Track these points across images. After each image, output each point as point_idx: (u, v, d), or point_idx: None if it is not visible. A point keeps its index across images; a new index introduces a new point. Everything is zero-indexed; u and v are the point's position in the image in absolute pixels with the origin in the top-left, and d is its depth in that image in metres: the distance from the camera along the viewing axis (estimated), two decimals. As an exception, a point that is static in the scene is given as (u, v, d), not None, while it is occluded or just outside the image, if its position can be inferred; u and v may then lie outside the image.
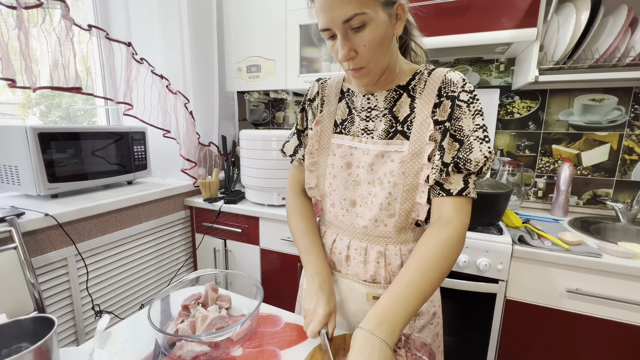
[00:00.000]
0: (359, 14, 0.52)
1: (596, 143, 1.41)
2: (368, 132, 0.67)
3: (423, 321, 0.69)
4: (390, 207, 0.64)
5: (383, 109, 0.66)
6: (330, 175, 0.71)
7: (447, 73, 0.62)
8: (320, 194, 0.75)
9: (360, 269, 0.69)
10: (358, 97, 0.69)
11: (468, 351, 1.19)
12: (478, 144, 0.58)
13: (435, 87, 0.62)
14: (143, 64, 1.52)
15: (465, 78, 0.61)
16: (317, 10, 0.55)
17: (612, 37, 1.12)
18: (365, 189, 0.67)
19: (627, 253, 0.99)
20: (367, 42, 0.55)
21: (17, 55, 1.10)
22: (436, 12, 1.23)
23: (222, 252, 1.63)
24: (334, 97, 0.73)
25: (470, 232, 1.15)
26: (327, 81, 0.76)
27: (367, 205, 0.67)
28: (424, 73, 0.64)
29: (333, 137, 0.71)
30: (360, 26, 0.54)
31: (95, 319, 1.27)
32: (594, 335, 1.03)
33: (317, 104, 0.75)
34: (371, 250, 0.68)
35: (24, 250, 0.97)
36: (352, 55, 0.57)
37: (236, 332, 0.63)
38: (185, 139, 1.63)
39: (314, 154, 0.73)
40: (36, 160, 1.13)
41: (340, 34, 0.55)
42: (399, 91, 0.65)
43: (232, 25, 1.70)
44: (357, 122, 0.69)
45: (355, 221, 0.69)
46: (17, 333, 0.56)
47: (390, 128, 0.65)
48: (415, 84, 0.64)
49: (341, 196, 0.70)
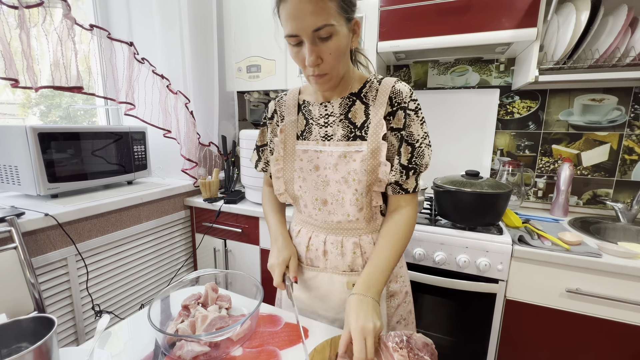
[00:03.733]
0: (328, 25, 0.58)
1: (596, 143, 1.41)
2: (328, 137, 0.74)
3: (398, 300, 0.79)
4: (358, 202, 0.72)
5: (339, 114, 0.73)
6: (300, 178, 0.77)
7: (395, 83, 0.70)
8: (291, 197, 0.80)
9: (339, 261, 0.75)
10: (315, 106, 0.76)
11: (468, 351, 1.19)
12: (427, 150, 0.70)
13: (385, 95, 0.70)
14: (144, 64, 1.52)
15: (411, 88, 0.70)
16: (286, 17, 0.59)
17: (612, 37, 1.12)
18: (334, 187, 0.73)
19: (627, 253, 0.99)
20: (333, 51, 0.62)
21: (19, 55, 1.10)
22: (436, 12, 1.23)
23: (222, 252, 1.63)
24: (293, 109, 0.80)
25: (470, 232, 1.15)
26: (283, 98, 0.83)
27: (338, 203, 0.73)
28: (373, 82, 0.73)
29: (297, 144, 0.77)
30: (328, 36, 0.60)
31: (95, 319, 1.27)
32: (594, 335, 1.03)
33: (276, 120, 0.83)
34: (347, 242, 0.75)
35: (24, 250, 0.97)
36: (318, 62, 0.63)
37: (236, 332, 0.63)
38: (185, 139, 1.63)
39: (280, 161, 0.79)
40: (36, 160, 1.13)
41: (309, 42, 0.60)
42: (352, 98, 0.73)
43: (232, 25, 1.70)
44: (315, 130, 0.76)
45: (329, 218, 0.75)
46: (17, 333, 0.56)
47: (349, 133, 0.72)
48: (366, 91, 0.72)
49: (313, 196, 0.76)
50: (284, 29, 0.62)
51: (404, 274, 0.81)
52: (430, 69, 1.63)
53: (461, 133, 1.57)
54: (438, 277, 1.15)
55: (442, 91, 1.60)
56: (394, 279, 0.78)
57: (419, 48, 1.29)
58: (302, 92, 0.81)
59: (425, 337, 0.59)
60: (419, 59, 1.62)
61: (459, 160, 1.58)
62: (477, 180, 1.16)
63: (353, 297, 0.61)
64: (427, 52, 1.45)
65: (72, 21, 1.19)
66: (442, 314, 1.22)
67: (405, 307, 0.80)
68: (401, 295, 0.79)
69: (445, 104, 1.58)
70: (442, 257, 1.14)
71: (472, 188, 1.12)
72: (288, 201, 0.82)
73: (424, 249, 1.17)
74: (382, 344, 0.57)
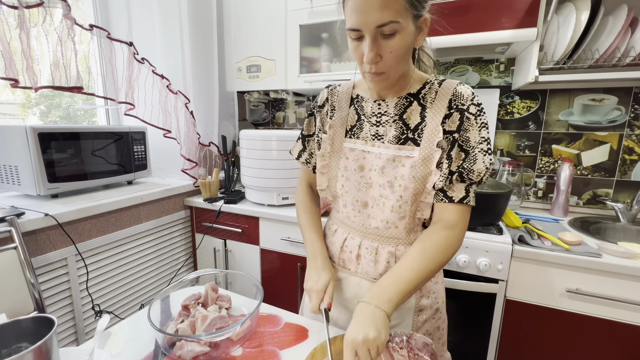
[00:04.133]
0: (394, 22, 0.55)
1: (596, 143, 1.41)
2: (378, 137, 0.69)
3: (426, 315, 0.73)
4: (401, 210, 0.67)
5: (393, 114, 0.68)
6: (343, 177, 0.73)
7: (458, 86, 0.65)
8: (332, 195, 0.77)
9: (371, 267, 0.71)
10: (368, 103, 0.71)
11: (468, 351, 1.19)
12: (482, 156, 0.62)
13: (446, 98, 0.64)
14: (144, 64, 1.52)
15: (474, 92, 0.64)
16: (351, 9, 0.56)
17: (612, 37, 1.12)
18: (377, 191, 0.69)
19: (627, 253, 0.99)
20: (395, 50, 0.58)
21: (19, 55, 1.10)
22: (436, 12, 1.22)
23: (222, 252, 1.63)
24: (345, 103, 0.75)
25: (470, 232, 1.15)
26: (337, 88, 0.78)
27: (379, 207, 0.69)
28: (434, 83, 0.67)
29: (345, 142, 0.74)
30: (391, 33, 0.56)
31: (95, 319, 1.27)
32: (594, 335, 1.03)
33: (327, 110, 0.78)
34: (382, 250, 0.70)
35: (24, 250, 0.97)
36: (377, 59, 0.59)
37: (236, 332, 0.63)
38: (185, 139, 1.63)
39: (326, 157, 0.76)
40: (36, 160, 1.13)
41: (370, 38, 0.57)
42: (409, 99, 0.68)
43: (232, 25, 1.70)
44: (366, 128, 0.71)
45: (367, 222, 0.71)
46: (17, 333, 0.56)
47: (401, 135, 0.67)
48: (425, 92, 0.67)
49: (353, 198, 0.72)
50: (347, 21, 0.59)
51: (437, 290, 0.74)
52: (430, 69, 1.62)
53: (461, 133, 1.57)
54: (438, 277, 1.15)
55: (442, 91, 1.60)
56: (426, 294, 0.72)
57: (419, 48, 1.29)
58: (357, 86, 0.76)
59: (425, 337, 0.59)
60: (419, 59, 1.62)
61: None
62: (477, 180, 1.16)
63: (358, 305, 0.59)
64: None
65: (72, 21, 1.19)
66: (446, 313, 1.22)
67: (434, 323, 0.75)
68: (430, 311, 0.74)
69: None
70: (442, 257, 1.14)
71: (472, 188, 1.12)
72: (329, 198, 0.79)
73: (424, 249, 1.17)
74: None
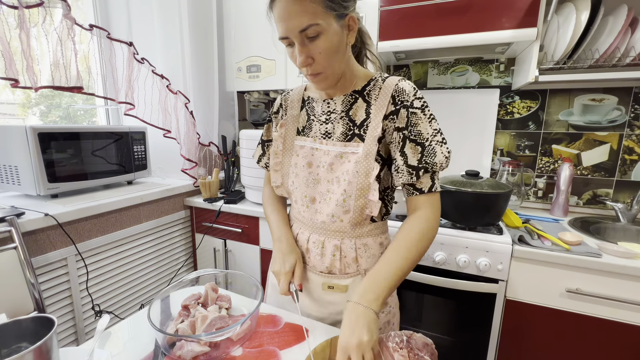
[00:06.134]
0: (313, 25, 0.58)
1: (596, 143, 1.41)
2: (328, 135, 0.73)
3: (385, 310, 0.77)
4: (345, 204, 0.70)
5: (340, 111, 0.72)
6: (294, 174, 0.77)
7: (399, 82, 0.68)
8: (286, 191, 0.81)
9: (318, 261, 0.75)
10: (318, 103, 0.76)
11: (468, 351, 1.19)
12: (439, 147, 0.66)
13: (388, 94, 0.68)
14: (144, 64, 1.52)
15: (416, 87, 0.68)
16: (276, 20, 0.61)
17: (612, 37, 1.12)
18: (324, 186, 0.73)
19: (627, 253, 0.99)
20: (323, 50, 0.61)
21: (19, 55, 1.10)
22: (436, 12, 1.23)
23: (222, 252, 1.63)
24: (297, 104, 0.81)
25: (470, 232, 1.15)
26: (289, 93, 0.84)
27: (325, 202, 0.72)
28: (378, 80, 0.71)
29: (297, 139, 0.78)
30: (315, 35, 0.60)
31: (95, 319, 1.27)
32: (594, 335, 1.03)
33: (281, 115, 0.83)
34: (328, 243, 0.74)
35: (24, 250, 0.97)
36: (309, 62, 0.63)
37: (236, 332, 0.63)
38: (185, 139, 1.63)
39: (279, 155, 0.79)
40: (36, 160, 1.13)
41: (298, 42, 0.61)
42: (354, 95, 0.72)
43: (232, 25, 1.70)
44: (315, 127, 0.75)
45: (315, 217, 0.75)
46: (17, 333, 0.56)
47: (348, 131, 0.71)
48: (369, 89, 0.71)
49: (302, 193, 0.76)
50: (277, 32, 0.63)
51: None
52: (430, 69, 1.63)
53: (461, 133, 1.57)
54: (438, 277, 1.15)
55: (442, 91, 1.60)
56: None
57: (418, 48, 1.29)
58: (308, 88, 0.81)
59: (425, 337, 0.59)
60: (419, 59, 1.62)
61: (459, 160, 1.58)
62: (477, 180, 1.16)
63: (347, 306, 0.59)
64: (427, 52, 1.45)
65: (72, 21, 1.19)
66: (442, 314, 1.22)
67: (383, 318, 0.77)
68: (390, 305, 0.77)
69: (445, 104, 1.58)
70: (442, 257, 1.14)
71: (472, 188, 1.12)
72: (285, 195, 0.82)
73: (424, 249, 1.17)
74: (382, 345, 0.57)
